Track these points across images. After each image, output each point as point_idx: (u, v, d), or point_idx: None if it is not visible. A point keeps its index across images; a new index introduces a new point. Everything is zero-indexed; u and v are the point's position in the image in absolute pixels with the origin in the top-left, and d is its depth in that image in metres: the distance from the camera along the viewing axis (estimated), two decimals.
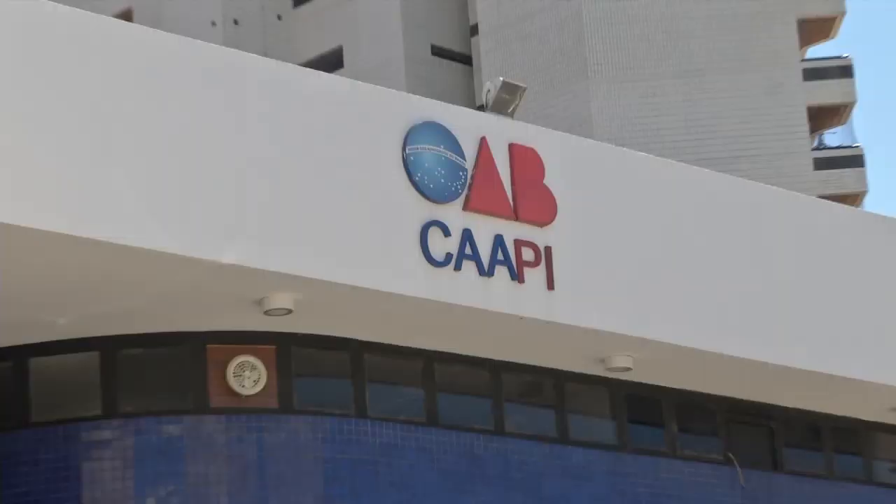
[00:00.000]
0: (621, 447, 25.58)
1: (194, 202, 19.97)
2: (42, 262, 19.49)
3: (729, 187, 26.68)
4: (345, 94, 23.35)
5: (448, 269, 21.86)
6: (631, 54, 64.65)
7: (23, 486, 22.07)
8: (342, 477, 22.74)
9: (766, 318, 25.05)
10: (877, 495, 28.43)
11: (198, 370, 22.41)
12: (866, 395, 27.04)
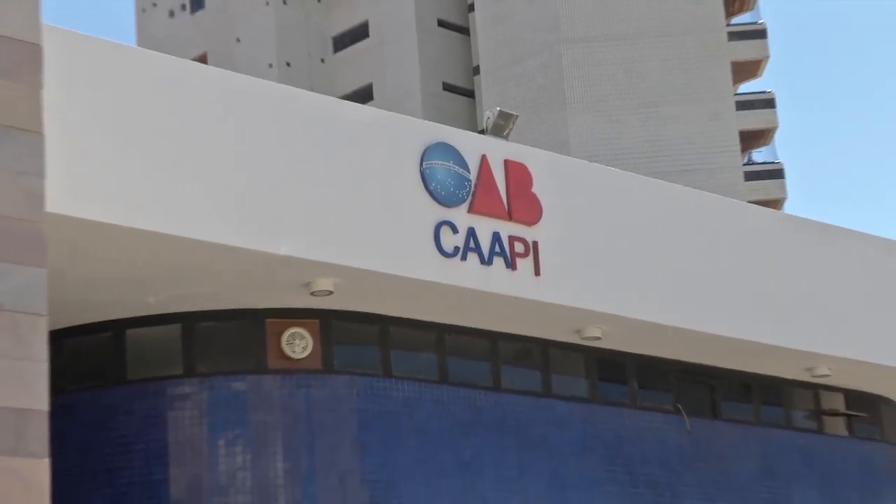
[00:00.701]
0: (593, 400, 25.62)
1: (256, 207, 20.11)
2: (137, 253, 19.68)
3: (678, 195, 26.83)
4: (374, 120, 23.62)
5: (456, 259, 21.88)
6: (600, 90, 64.61)
7: (121, 430, 22.22)
8: (372, 425, 22.80)
9: (708, 297, 25.13)
10: (793, 438, 28.52)
11: (258, 339, 22.49)
12: (785, 358, 27.05)
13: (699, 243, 25.56)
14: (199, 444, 22.30)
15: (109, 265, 19.96)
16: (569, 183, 23.95)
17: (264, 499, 22.02)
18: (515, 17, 67.40)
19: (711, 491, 26.60)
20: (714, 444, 26.97)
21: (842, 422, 29.64)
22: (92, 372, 22.42)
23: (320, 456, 22.42)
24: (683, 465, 26.33)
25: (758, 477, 27.46)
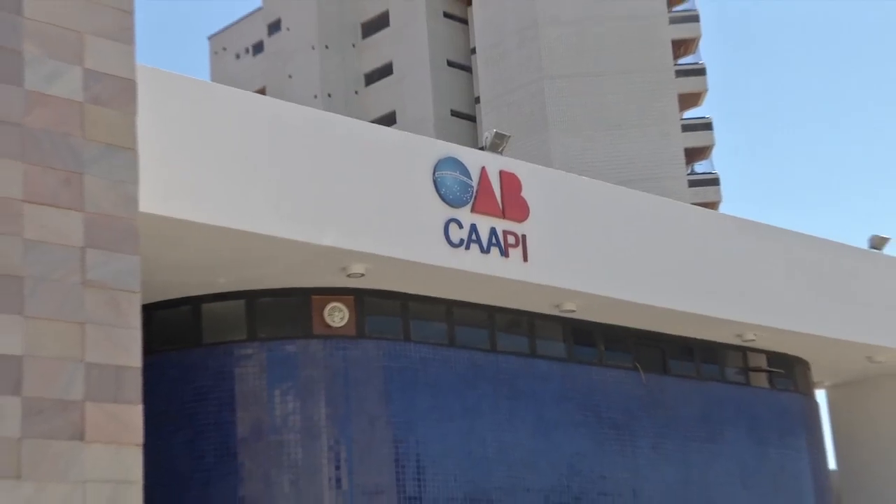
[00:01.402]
0: (568, 360, 25.62)
1: (305, 208, 20.27)
2: (211, 244, 19.82)
3: (637, 198, 26.81)
4: (396, 139, 23.99)
5: (461, 249, 21.87)
6: (575, 116, 64.46)
7: (198, 383, 22.28)
8: (395, 379, 22.81)
9: (659, 278, 25.09)
10: (726, 389, 28.57)
11: (305, 311, 22.57)
12: (720, 326, 27.06)
13: (653, 236, 25.53)
14: (259, 394, 22.36)
15: (189, 253, 20.05)
16: (550, 189, 23.92)
17: (310, 437, 22.05)
18: (507, 59, 67.27)
19: (662, 431, 26.58)
20: (664, 395, 26.95)
21: (764, 377, 29.64)
22: (175, 337, 22.44)
23: (354, 403, 22.44)
24: (640, 411, 26.31)
25: (698, 421, 27.45)
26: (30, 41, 15.16)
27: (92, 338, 14.82)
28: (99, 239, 15.15)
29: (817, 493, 29.69)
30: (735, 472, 27.78)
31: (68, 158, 15.13)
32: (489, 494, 23.33)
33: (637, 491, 25.64)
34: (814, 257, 28.95)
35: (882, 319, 29.69)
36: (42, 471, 14.14)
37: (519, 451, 24.06)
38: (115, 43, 15.92)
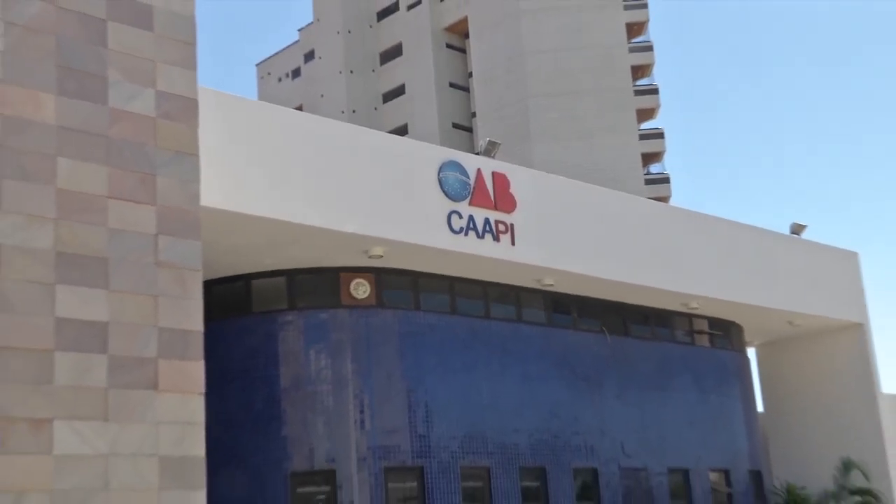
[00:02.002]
0: (548, 325, 25.59)
1: (335, 202, 20.21)
2: (258, 231, 19.81)
3: (604, 194, 26.76)
4: (408, 147, 23.95)
5: (461, 235, 21.85)
6: (553, 127, 64.27)
7: (249, 344, 22.30)
8: (408, 342, 22.81)
9: (621, 258, 25.04)
10: (675, 348, 28.50)
11: (335, 286, 22.52)
12: (670, 297, 27.10)
13: (616, 224, 25.46)
14: (297, 353, 22.35)
15: (241, 239, 20.07)
16: (533, 187, 23.85)
17: (339, 387, 22.06)
18: (498, 81, 67.04)
19: (623, 382, 26.53)
20: (625, 353, 26.88)
21: (706, 338, 29.59)
22: (230, 307, 22.38)
23: (374, 361, 22.43)
24: (606, 367, 26.25)
25: (653, 374, 27.41)
26: (113, 68, 15.20)
27: (163, 307, 14.90)
28: (168, 227, 15.21)
29: (748, 431, 29.76)
30: (682, 415, 27.78)
31: (143, 163, 15.18)
32: (483, 434, 23.35)
33: (604, 430, 25.64)
34: (745, 240, 28.92)
35: (800, 291, 29.69)
36: (124, 414, 14.22)
37: (507, 399, 24.04)
38: (181, 69, 15.96)
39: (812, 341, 32.11)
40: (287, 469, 21.69)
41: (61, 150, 14.44)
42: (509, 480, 23.58)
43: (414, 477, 22.28)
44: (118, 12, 15.48)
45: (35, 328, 13.72)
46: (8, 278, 13.59)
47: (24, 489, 13.23)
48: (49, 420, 13.58)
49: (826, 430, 31.10)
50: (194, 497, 14.66)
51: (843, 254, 32.03)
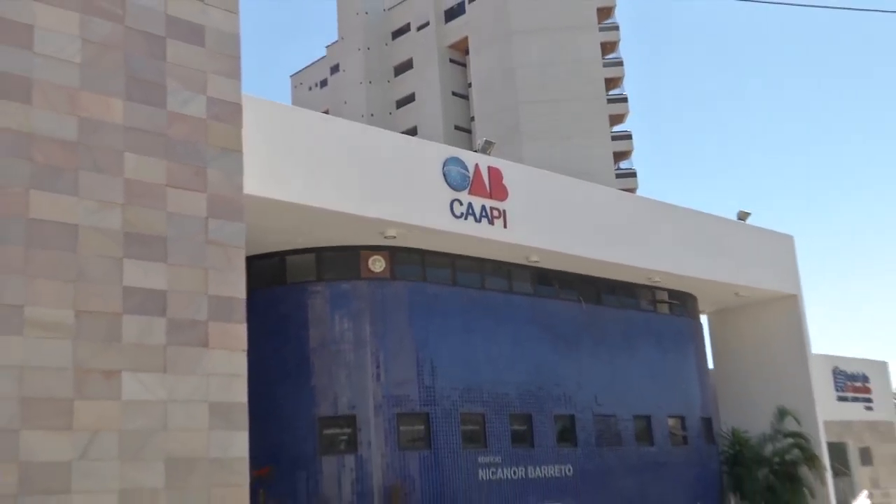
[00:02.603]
0: (534, 295, 25.58)
1: (356, 190, 20.18)
2: (292, 215, 19.77)
3: (581, 185, 26.68)
4: (418, 145, 23.93)
5: (461, 219, 21.85)
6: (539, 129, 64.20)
7: (283, 310, 22.31)
8: (416, 309, 22.90)
9: (596, 238, 25.03)
10: (640, 315, 28.45)
11: (356, 261, 22.51)
12: (636, 272, 27.13)
13: (590, 211, 25.46)
14: (324, 317, 22.39)
15: (278, 221, 20.04)
16: (523, 179, 23.84)
17: (359, 346, 22.11)
18: (493, 90, 66.94)
19: (597, 344, 26.52)
20: (598, 319, 26.91)
21: (666, 306, 29.57)
22: (268, 279, 22.32)
23: (389, 325, 22.47)
24: (582, 330, 26.25)
25: (621, 337, 27.43)
26: (171, 77, 15.20)
27: (212, 278, 14.94)
28: (216, 211, 15.23)
29: (700, 384, 29.78)
30: (645, 371, 27.79)
31: (196, 157, 15.19)
32: (479, 386, 23.39)
33: (580, 384, 25.65)
34: (699, 225, 28.90)
35: (744, 267, 29.69)
36: (180, 367, 14.27)
37: (499, 357, 24.04)
38: (227, 78, 15.96)
39: (754, 309, 32.19)
40: (315, 414, 21.81)
41: (128, 147, 14.47)
42: (501, 424, 23.63)
43: (421, 421, 22.34)
44: (175, 31, 15.49)
45: (106, 295, 13.79)
46: (84, 254, 13.66)
47: (97, 429, 13.31)
48: (118, 372, 13.65)
49: (765, 384, 31.21)
50: (238, 437, 14.73)
51: (781, 236, 32.05)
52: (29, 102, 13.66)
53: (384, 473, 21.47)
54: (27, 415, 12.76)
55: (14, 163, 13.36)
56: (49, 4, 14.18)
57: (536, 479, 23.91)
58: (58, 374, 13.13)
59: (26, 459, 12.65)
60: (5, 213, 13.13)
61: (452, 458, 22.45)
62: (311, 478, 21.36)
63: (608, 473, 25.67)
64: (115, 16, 14.86)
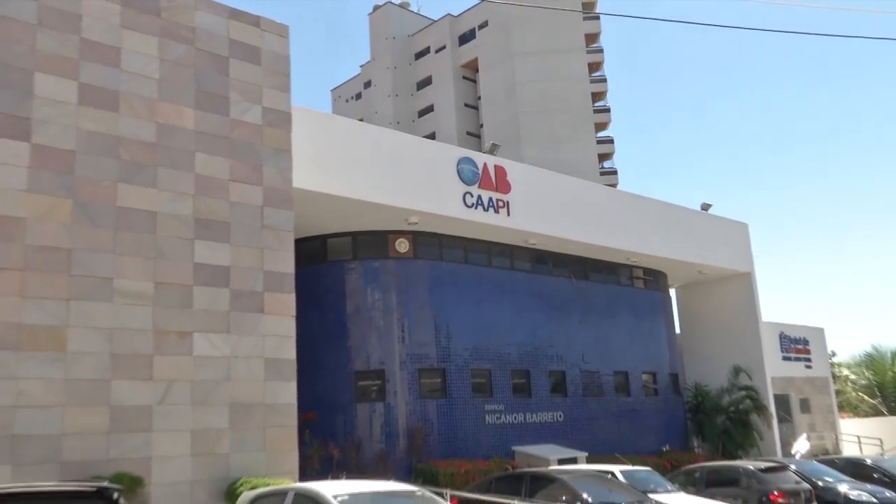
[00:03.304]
0: (532, 272, 25.41)
1: (386, 185, 20.07)
2: (332, 205, 19.60)
3: (570, 181, 26.46)
4: (437, 148, 23.70)
5: (472, 209, 21.75)
6: (537, 134, 63.90)
7: (324, 284, 22.17)
8: (434, 283, 22.79)
9: (584, 225, 24.91)
10: (620, 289, 28.27)
11: (384, 243, 22.39)
12: (617, 253, 26.99)
13: (580, 202, 25.28)
14: (358, 290, 22.36)
15: (320, 210, 19.95)
16: (523, 176, 23.70)
17: (387, 314, 22.07)
18: (498, 102, 66.63)
19: (584, 312, 26.41)
20: (586, 292, 26.79)
21: (641, 282, 29.42)
22: (312, 257, 22.12)
23: (411, 296, 22.41)
24: (571, 301, 26.18)
25: (605, 307, 27.32)
26: (233, 90, 15.24)
27: (267, 256, 15.01)
28: (270, 201, 15.29)
29: (669, 346, 29.71)
30: (625, 335, 27.75)
31: (254, 156, 15.25)
32: (486, 347, 23.39)
33: (569, 345, 25.63)
34: (669, 214, 28.71)
35: (707, 250, 29.53)
36: (241, 329, 14.36)
37: (503, 323, 24.02)
38: (279, 92, 15.99)
39: (714, 284, 32.07)
40: (351, 369, 21.85)
41: (198, 147, 14.53)
42: (504, 378, 23.66)
43: (438, 375, 22.34)
44: (236, 52, 15.53)
45: (180, 270, 13.88)
46: (162, 235, 13.77)
47: (173, 379, 13.43)
48: (190, 333, 13.76)
49: (722, 346, 31.15)
50: (288, 386, 14.85)
51: (737, 224, 31.91)
52: (116, 111, 13.75)
53: (408, 418, 21.51)
54: (116, 367, 12.90)
55: (105, 161, 13.46)
56: (133, 30, 14.24)
57: (533, 423, 23.94)
58: (141, 335, 13.25)
59: (116, 404, 12.80)
60: (98, 202, 13.24)
61: (464, 405, 22.49)
62: (347, 421, 21.44)
63: (592, 419, 25.66)
64: (187, 39, 14.90)
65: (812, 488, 17.71)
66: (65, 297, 12.56)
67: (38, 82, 12.96)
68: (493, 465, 20.64)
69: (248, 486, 12.90)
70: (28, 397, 11.96)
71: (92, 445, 12.40)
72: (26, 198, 12.50)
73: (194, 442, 13.43)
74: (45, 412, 12.07)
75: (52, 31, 13.29)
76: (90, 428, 12.41)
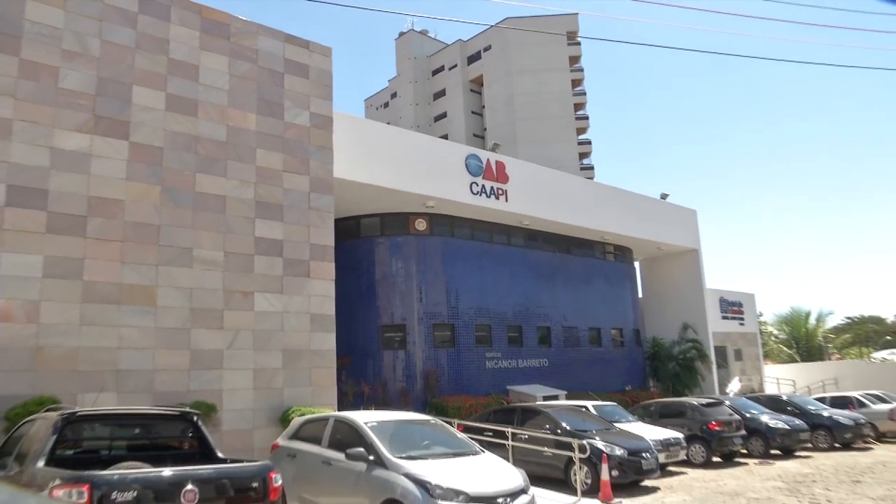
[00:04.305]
0: (525, 247, 25.32)
1: (408, 175, 19.97)
2: (363, 192, 19.48)
3: (557, 174, 26.30)
4: (449, 146, 23.10)
5: (477, 195, 21.67)
6: (530, 136, 63.56)
7: (357, 255, 22.12)
8: (447, 256, 22.70)
9: (566, 210, 24.83)
10: (594, 262, 28.17)
11: (406, 222, 22.25)
12: (591, 232, 26.87)
13: (564, 191, 25.16)
14: (385, 261, 22.30)
15: (355, 195, 19.84)
16: (519, 170, 23.57)
17: (408, 280, 22.06)
18: (498, 110, 66.26)
19: (566, 279, 26.37)
20: (566, 264, 26.71)
21: (612, 255, 29.34)
22: (348, 234, 22.10)
23: (427, 266, 22.38)
24: (556, 271, 26.13)
25: (582, 275, 27.28)
26: (286, 99, 15.26)
27: (312, 232, 15.09)
28: (315, 188, 15.34)
29: (633, 307, 29.67)
30: (598, 296, 27.70)
31: (302, 152, 15.29)
32: (487, 307, 23.38)
33: (554, 306, 25.67)
34: (634, 202, 28.56)
35: (664, 231, 29.46)
36: (291, 289, 14.48)
37: (501, 288, 24.02)
38: (323, 100, 15.99)
39: (670, 258, 32.00)
40: (378, 323, 21.92)
41: (258, 145, 14.59)
42: (501, 332, 23.72)
43: (448, 329, 22.39)
44: (290, 68, 15.53)
45: (244, 242, 14.00)
46: (230, 214, 13.87)
47: (239, 329, 13.57)
48: (252, 292, 13.88)
49: (675, 307, 31.16)
50: (328, 336, 14.97)
51: (688, 210, 31.72)
52: (195, 115, 13.83)
53: (423, 363, 21.60)
54: (195, 319, 13.07)
55: (186, 155, 13.56)
56: (209, 51, 14.28)
57: (523, 368, 24.04)
58: (213, 293, 13.40)
59: (195, 347, 12.98)
60: (181, 188, 13.36)
61: (468, 353, 22.58)
62: (375, 365, 21.57)
63: (571, 365, 25.75)
64: (251, 58, 14.93)
65: (741, 419, 18.12)
66: (155, 263, 12.74)
67: (135, 93, 13.07)
68: (492, 400, 20.76)
69: (298, 413, 13.08)
70: (127, 341, 12.18)
71: (176, 379, 12.61)
72: (125, 184, 12.65)
73: (255, 378, 13.62)
74: (141, 353, 12.29)
75: (146, 52, 13.37)
76: (175, 366, 12.62)
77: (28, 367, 11.16)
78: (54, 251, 11.69)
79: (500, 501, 8.00)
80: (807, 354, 44.90)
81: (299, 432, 10.35)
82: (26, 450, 6.66)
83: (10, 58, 11.84)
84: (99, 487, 5.51)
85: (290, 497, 9.57)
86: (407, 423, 9.88)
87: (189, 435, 7.73)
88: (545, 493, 12.02)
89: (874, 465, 15.93)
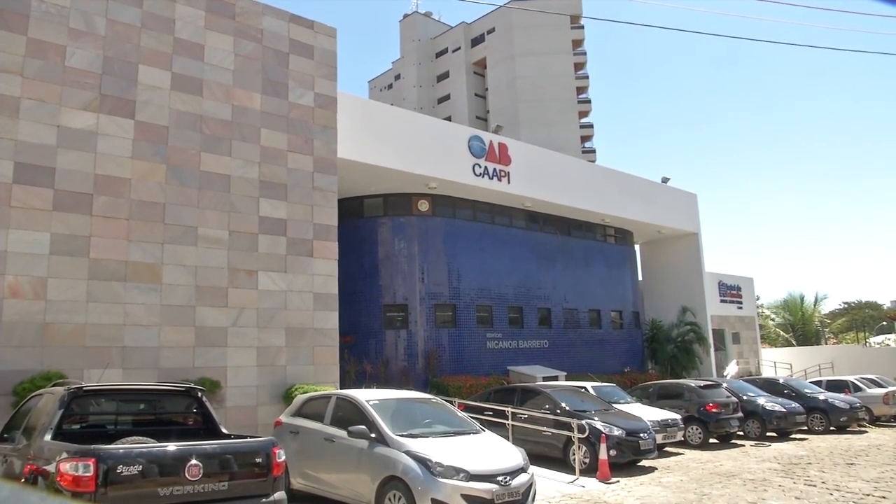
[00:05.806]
0: (526, 229, 25.30)
1: (411, 156, 19.89)
2: (367, 172, 19.43)
3: (559, 157, 26.15)
4: (453, 128, 23.09)
5: (479, 177, 21.62)
6: (532, 118, 63.38)
7: (361, 235, 22.14)
8: (449, 236, 22.68)
9: (568, 192, 24.77)
10: (595, 244, 28.15)
11: (409, 203, 22.19)
12: (592, 215, 26.79)
13: (566, 173, 25.09)
14: (387, 240, 22.26)
15: (358, 175, 19.78)
16: (521, 151, 23.51)
17: (410, 260, 22.07)
18: (501, 93, 66.06)
19: (567, 261, 26.38)
20: (568, 245, 26.71)
21: (613, 238, 29.27)
22: (351, 213, 22.03)
23: (429, 247, 22.36)
24: (557, 253, 26.14)
25: (582, 257, 27.27)
26: (291, 80, 15.15)
27: (316, 212, 15.04)
28: (319, 168, 15.28)
29: (633, 290, 29.74)
30: (598, 279, 27.72)
31: (307, 132, 15.21)
32: (489, 288, 23.41)
33: (554, 287, 25.70)
34: (635, 185, 28.46)
35: (664, 214, 29.38)
36: (295, 268, 14.47)
37: (502, 269, 24.02)
38: (328, 81, 15.88)
39: (670, 241, 31.94)
40: (381, 302, 21.95)
41: (263, 124, 14.52)
42: (502, 313, 23.77)
43: (450, 309, 22.44)
44: (295, 49, 15.41)
45: (249, 221, 13.97)
46: (235, 194, 13.83)
47: (243, 307, 13.58)
48: (255, 271, 13.88)
49: (673, 290, 31.14)
50: (332, 315, 14.98)
51: (688, 194, 31.58)
52: (200, 95, 13.74)
53: (425, 342, 21.67)
54: (200, 296, 13.07)
55: (191, 134, 13.50)
56: (214, 31, 14.17)
57: (524, 348, 24.09)
58: (218, 271, 13.40)
59: (200, 325, 13.00)
60: (186, 167, 13.32)
61: (469, 333, 22.63)
62: (378, 344, 21.63)
63: (571, 346, 25.83)
64: (256, 38, 14.82)
65: (738, 401, 18.15)
66: (160, 241, 12.72)
67: (141, 72, 12.97)
68: (492, 380, 20.83)
69: (301, 390, 13.13)
70: (133, 317, 12.19)
71: (181, 356, 12.64)
72: (131, 163, 12.60)
73: (259, 356, 13.65)
74: (146, 329, 12.31)
75: (152, 31, 13.26)
76: (180, 342, 12.64)
77: (35, 342, 11.18)
78: (61, 228, 11.67)
79: (499, 479, 8.05)
80: (803, 338, 45.16)
81: (302, 409, 10.37)
82: (34, 424, 6.72)
83: (18, 36, 11.75)
84: (104, 461, 5.57)
85: (293, 473, 9.62)
86: (408, 402, 9.90)
87: (193, 411, 7.77)
88: (544, 472, 12.09)
89: (868, 448, 16.00)
